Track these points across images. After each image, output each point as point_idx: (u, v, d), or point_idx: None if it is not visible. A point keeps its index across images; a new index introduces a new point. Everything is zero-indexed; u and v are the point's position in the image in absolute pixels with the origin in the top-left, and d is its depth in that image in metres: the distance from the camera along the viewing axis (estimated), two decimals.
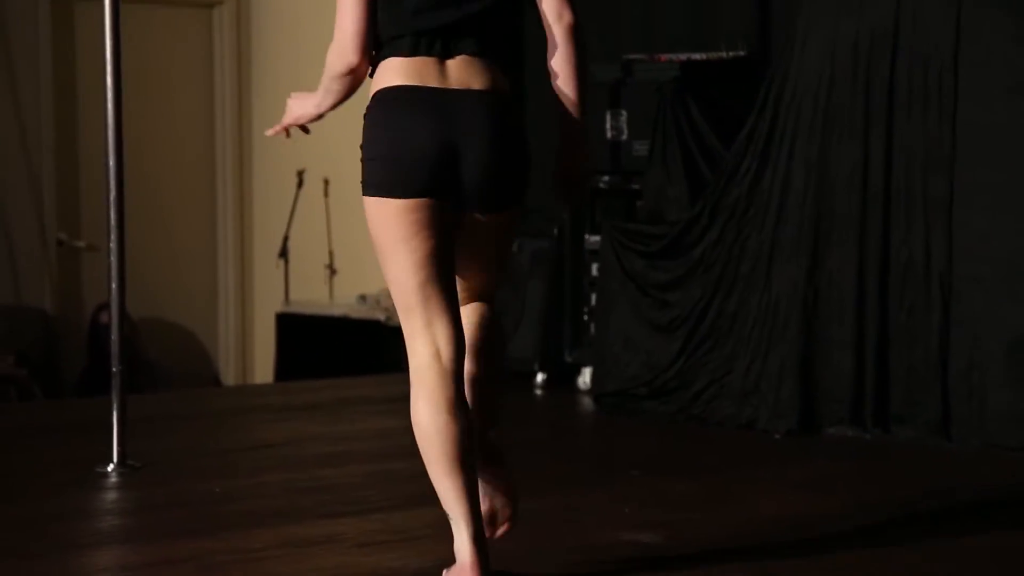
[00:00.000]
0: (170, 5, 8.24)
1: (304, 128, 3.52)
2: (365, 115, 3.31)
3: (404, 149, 3.19)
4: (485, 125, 3.24)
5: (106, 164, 4.63)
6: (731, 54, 6.30)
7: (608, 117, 6.35)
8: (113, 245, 4.67)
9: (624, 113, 6.32)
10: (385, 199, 3.21)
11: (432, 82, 3.22)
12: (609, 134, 6.37)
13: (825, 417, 5.53)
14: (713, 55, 6.29)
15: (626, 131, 6.33)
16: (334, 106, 3.41)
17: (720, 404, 5.72)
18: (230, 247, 8.74)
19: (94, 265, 8.03)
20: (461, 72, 3.25)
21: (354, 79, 3.32)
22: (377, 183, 3.24)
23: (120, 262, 4.68)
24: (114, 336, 4.72)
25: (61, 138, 8.07)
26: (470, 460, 3.18)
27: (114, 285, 4.69)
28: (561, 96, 3.40)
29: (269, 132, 3.56)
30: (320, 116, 3.44)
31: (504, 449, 3.47)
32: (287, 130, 3.50)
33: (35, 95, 7.96)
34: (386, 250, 3.22)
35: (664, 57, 6.32)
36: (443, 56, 3.24)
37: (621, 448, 5.46)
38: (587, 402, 6.32)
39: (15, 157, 7.91)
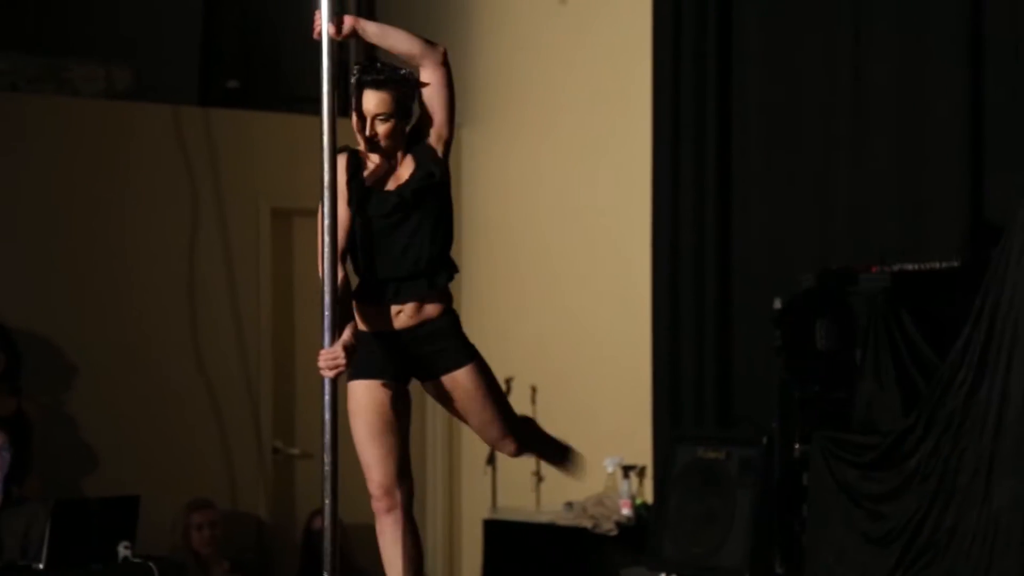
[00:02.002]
0: None
1: None
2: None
3: None
4: None
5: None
6: (944, 264, 6.24)
7: (818, 326, 6.32)
8: (327, 456, 4.74)
9: (834, 322, 6.29)
10: None
11: None
12: (819, 343, 6.33)
13: None
14: (925, 266, 6.24)
15: (836, 340, 6.28)
16: None
17: None
18: (439, 453, 8.82)
19: (308, 472, 8.17)
20: None
21: None
22: None
23: (334, 471, 4.74)
24: (327, 544, 4.76)
25: (278, 347, 8.28)
26: None
27: (328, 496, 4.75)
28: None
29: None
30: None
31: None
32: None
33: (255, 306, 8.20)
34: None
35: (875, 268, 6.29)
36: None
37: None
38: None
39: (234, 366, 8.14)
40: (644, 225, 7.74)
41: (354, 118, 4.46)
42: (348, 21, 4.36)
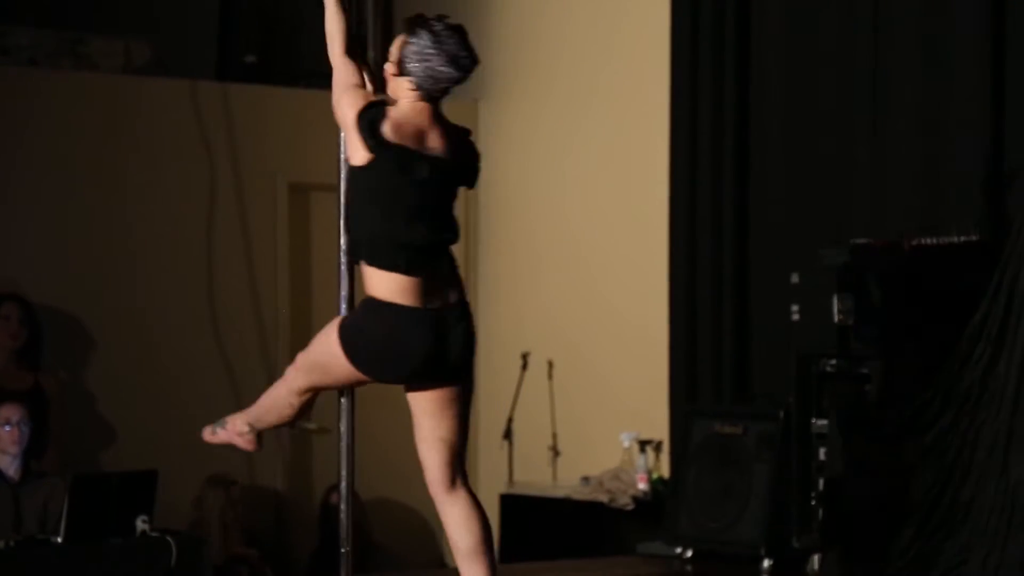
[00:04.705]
0: None
1: None
2: None
3: None
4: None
5: None
6: (962, 239, 6.23)
7: (835, 301, 6.31)
8: (344, 429, 4.76)
9: (852, 297, 6.28)
10: None
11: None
12: (836, 318, 6.32)
13: None
14: (943, 240, 6.22)
15: (854, 315, 6.28)
16: None
17: None
18: None
19: (325, 447, 8.18)
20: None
21: None
22: None
23: (350, 446, 4.77)
24: (343, 517, 4.78)
25: (295, 322, 8.29)
26: None
27: (344, 468, 4.77)
28: None
29: None
30: None
31: None
32: None
33: (272, 281, 8.21)
34: None
35: (893, 241, 6.28)
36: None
37: None
38: None
39: (252, 340, 8.15)
40: (661, 199, 7.73)
41: None
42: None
